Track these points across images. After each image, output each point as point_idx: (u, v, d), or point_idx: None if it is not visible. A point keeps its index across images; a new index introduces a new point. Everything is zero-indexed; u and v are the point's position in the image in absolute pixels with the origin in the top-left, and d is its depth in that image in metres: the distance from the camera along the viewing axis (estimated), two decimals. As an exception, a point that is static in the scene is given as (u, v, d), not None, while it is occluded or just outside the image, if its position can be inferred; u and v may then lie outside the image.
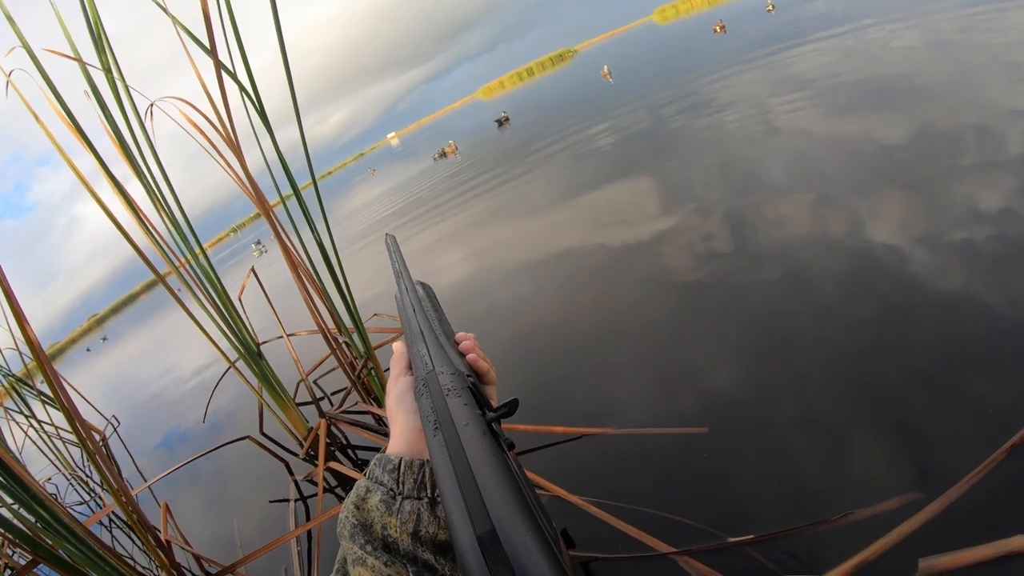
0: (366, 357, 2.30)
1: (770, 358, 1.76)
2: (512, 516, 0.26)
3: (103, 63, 2.04)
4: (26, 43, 2.00)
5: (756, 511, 1.29)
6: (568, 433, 1.75)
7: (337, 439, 2.52)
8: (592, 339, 2.36)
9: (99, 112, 2.11)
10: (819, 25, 7.60)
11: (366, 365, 2.33)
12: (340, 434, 2.54)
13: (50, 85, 2.01)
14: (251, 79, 1.84)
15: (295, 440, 2.63)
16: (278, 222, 2.20)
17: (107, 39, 1.96)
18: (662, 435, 1.63)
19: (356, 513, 0.37)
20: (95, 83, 2.10)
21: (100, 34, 2.00)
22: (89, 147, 2.02)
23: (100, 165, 2.07)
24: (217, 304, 2.21)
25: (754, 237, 2.55)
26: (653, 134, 5.55)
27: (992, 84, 3.07)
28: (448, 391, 0.38)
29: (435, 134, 31.71)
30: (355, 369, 2.45)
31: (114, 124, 2.09)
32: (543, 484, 1.56)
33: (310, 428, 2.59)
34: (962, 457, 1.18)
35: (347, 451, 2.43)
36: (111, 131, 2.09)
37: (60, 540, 1.32)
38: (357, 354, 2.46)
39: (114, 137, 2.10)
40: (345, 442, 2.49)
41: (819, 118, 3.78)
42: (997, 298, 1.59)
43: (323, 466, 2.10)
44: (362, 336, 2.27)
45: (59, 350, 34.12)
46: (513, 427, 1.81)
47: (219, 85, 1.81)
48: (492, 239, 4.53)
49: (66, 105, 2.02)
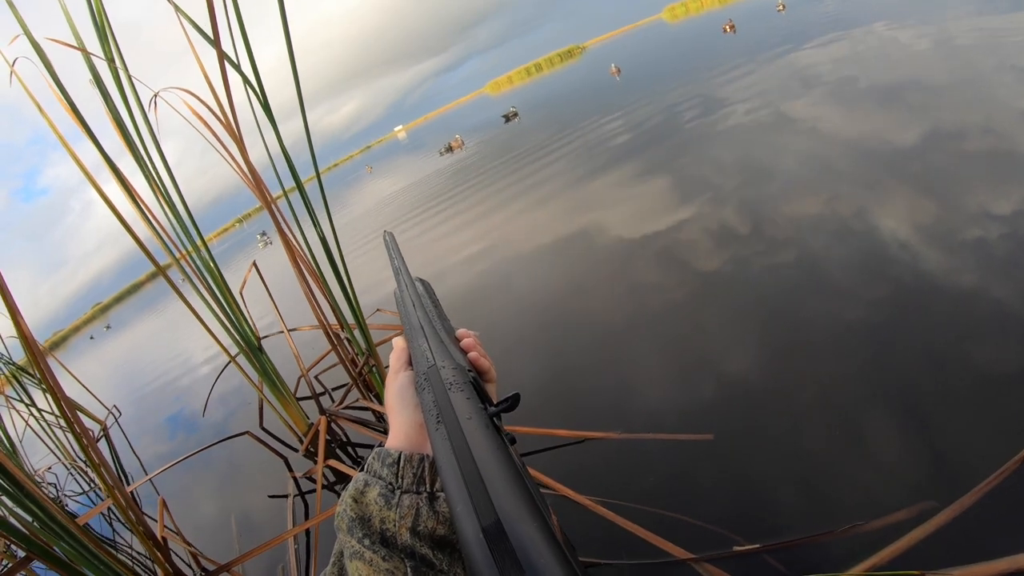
0: (367, 354, 2.27)
1: (783, 359, 1.73)
2: (517, 508, 0.26)
3: (106, 53, 2.01)
4: (28, 32, 1.98)
5: (768, 516, 1.26)
6: (571, 436, 1.72)
7: (337, 436, 2.50)
8: (605, 333, 2.33)
9: (102, 102, 2.08)
10: (830, 26, 7.53)
11: (367, 362, 2.31)
12: (340, 431, 2.52)
13: (53, 75, 1.98)
14: (254, 69, 1.81)
15: (295, 436, 2.61)
16: (280, 215, 2.17)
17: (110, 28, 1.92)
18: (667, 440, 1.60)
19: (354, 506, 0.37)
20: (99, 73, 2.07)
21: (103, 23, 1.97)
22: (91, 136, 2.00)
23: (101, 154, 2.05)
24: (218, 297, 2.19)
25: (773, 236, 2.51)
26: (664, 131, 5.50)
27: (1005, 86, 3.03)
28: (450, 385, 0.37)
29: (442, 128, 31.65)
30: (356, 366, 2.43)
31: (116, 114, 2.06)
32: (550, 484, 1.54)
33: (310, 424, 2.57)
34: (979, 465, 1.15)
35: (347, 448, 2.40)
36: (114, 120, 2.07)
37: (54, 538, 1.30)
38: (358, 350, 2.43)
39: (117, 126, 2.07)
40: (345, 439, 2.46)
41: (842, 117, 3.72)
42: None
43: (322, 463, 2.08)
44: (364, 332, 2.25)
45: (63, 338, 34.37)
46: (515, 429, 1.78)
47: (222, 75, 1.77)
48: (503, 232, 4.51)
49: (68, 95, 1.99)
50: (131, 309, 23.15)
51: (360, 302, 2.23)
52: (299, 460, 2.47)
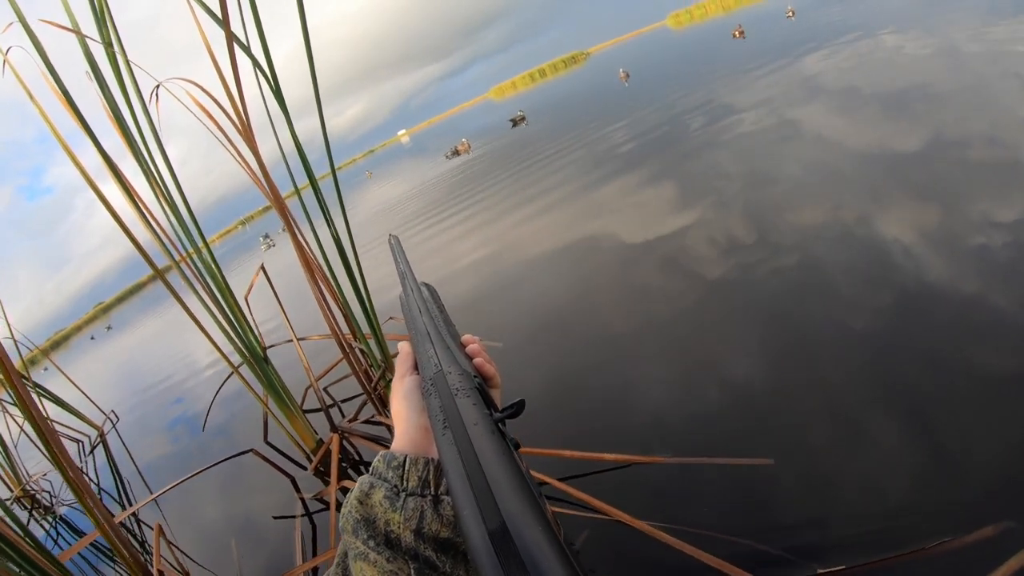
0: (383, 367, 2.09)
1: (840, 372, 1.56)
2: (523, 513, 0.26)
3: (103, 36, 1.85)
4: (22, 17, 1.82)
5: (835, 540, 1.16)
6: (617, 461, 1.55)
7: (349, 454, 2.31)
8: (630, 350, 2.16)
9: (99, 93, 1.92)
10: (840, 32, 7.38)
11: (383, 376, 2.13)
12: (352, 449, 2.33)
13: (47, 63, 1.82)
14: (267, 53, 1.64)
15: (301, 451, 2.43)
16: (291, 215, 2.00)
17: (107, 7, 1.76)
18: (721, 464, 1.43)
19: (359, 508, 0.36)
20: (95, 61, 1.91)
21: (101, 3, 1.80)
22: (87, 130, 1.84)
23: (98, 150, 1.88)
24: (221, 304, 2.02)
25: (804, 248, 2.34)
26: (680, 137, 5.35)
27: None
28: (457, 391, 0.37)
29: (446, 132, 31.61)
30: (371, 379, 2.25)
31: (114, 105, 1.90)
32: (605, 508, 1.38)
33: (318, 439, 2.39)
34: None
35: (360, 468, 2.21)
36: (111, 112, 1.90)
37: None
38: (373, 362, 2.26)
39: (114, 119, 1.91)
40: (358, 458, 2.27)
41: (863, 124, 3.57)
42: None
43: (336, 485, 1.91)
44: (380, 343, 2.07)
45: (64, 337, 34.43)
46: (559, 453, 1.60)
47: (230, 59, 1.60)
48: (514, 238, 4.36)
49: (65, 87, 1.83)
50: (133, 309, 23.00)
51: (376, 305, 2.06)
52: (307, 479, 2.29)
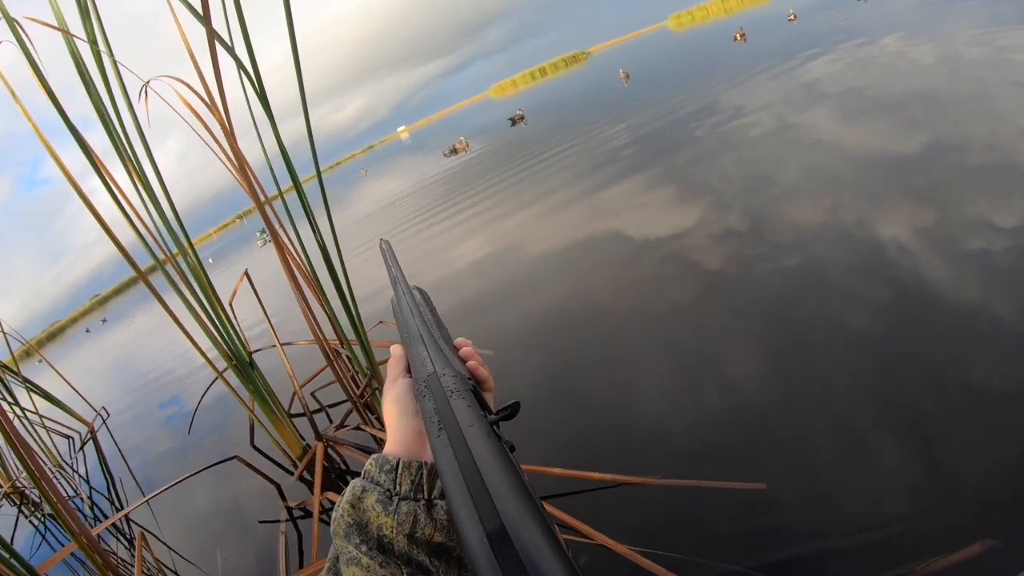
0: (370, 376, 2.05)
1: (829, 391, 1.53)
2: (521, 514, 0.25)
3: (88, 34, 1.80)
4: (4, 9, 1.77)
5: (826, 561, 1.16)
6: (604, 480, 1.51)
7: (335, 462, 2.27)
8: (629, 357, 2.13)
9: (84, 89, 1.87)
10: (842, 37, 7.35)
11: (369, 384, 2.09)
12: (338, 458, 2.29)
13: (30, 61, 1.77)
14: (251, 54, 1.59)
15: (287, 457, 2.39)
16: (276, 216, 1.96)
17: (93, 3, 1.71)
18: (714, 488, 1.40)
19: (352, 512, 0.35)
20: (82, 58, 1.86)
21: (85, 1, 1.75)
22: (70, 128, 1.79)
23: (81, 148, 1.84)
24: (206, 307, 1.98)
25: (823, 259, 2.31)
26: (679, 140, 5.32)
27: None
28: (451, 393, 0.37)
29: (445, 129, 31.49)
30: (357, 385, 2.20)
31: (99, 103, 1.85)
32: (585, 530, 1.34)
33: (305, 445, 2.35)
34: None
35: (346, 477, 2.17)
36: (97, 109, 1.86)
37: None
38: (359, 369, 2.22)
39: (100, 117, 1.86)
40: (344, 467, 2.23)
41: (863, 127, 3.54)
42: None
43: (319, 495, 1.87)
44: (365, 350, 2.03)
45: (60, 328, 34.35)
46: (546, 470, 1.56)
47: (211, 55, 1.56)
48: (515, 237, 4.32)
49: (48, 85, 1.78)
50: (129, 302, 22.88)
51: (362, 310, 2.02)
52: (293, 486, 2.25)
